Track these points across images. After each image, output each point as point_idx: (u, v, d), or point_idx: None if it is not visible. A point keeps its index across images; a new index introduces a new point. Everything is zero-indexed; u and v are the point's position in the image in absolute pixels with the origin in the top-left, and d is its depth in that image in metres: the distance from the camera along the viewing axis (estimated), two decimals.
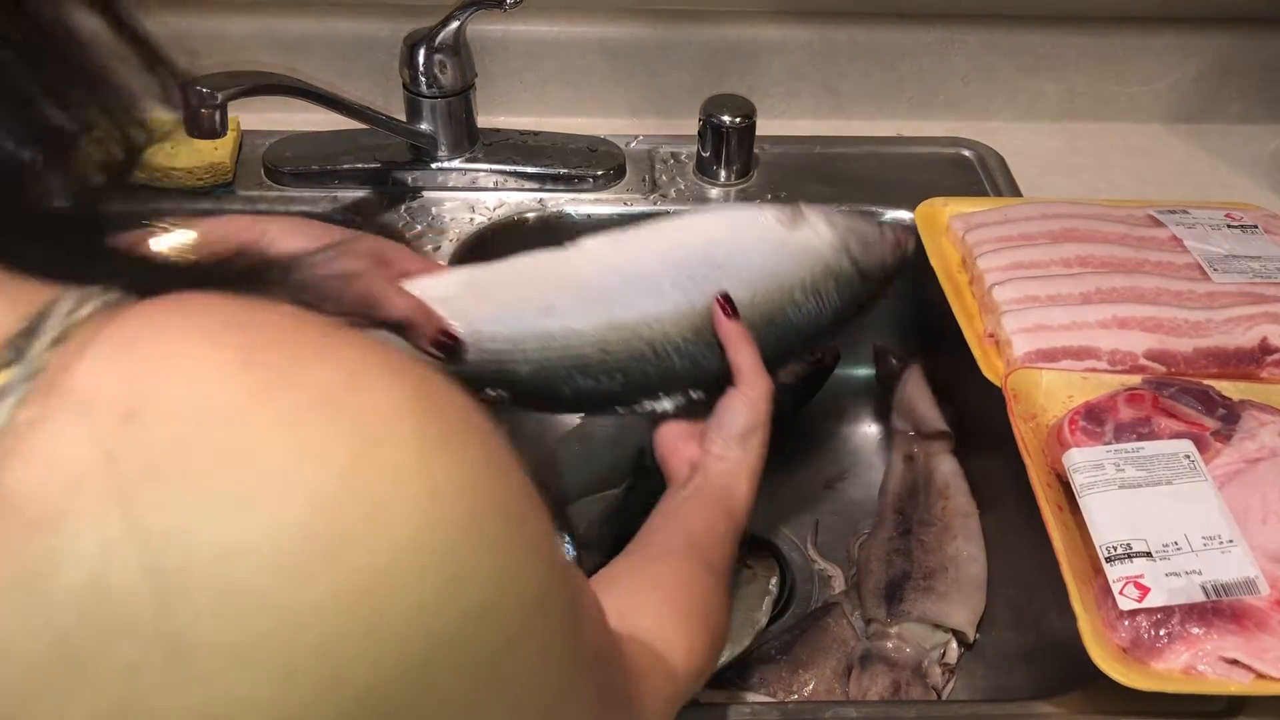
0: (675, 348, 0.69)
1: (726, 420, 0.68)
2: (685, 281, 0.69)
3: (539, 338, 0.68)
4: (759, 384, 0.68)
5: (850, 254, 0.72)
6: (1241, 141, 1.12)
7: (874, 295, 0.75)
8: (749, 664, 0.81)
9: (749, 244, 0.71)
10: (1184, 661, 0.60)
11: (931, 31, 1.07)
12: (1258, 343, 0.77)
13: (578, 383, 0.69)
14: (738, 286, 0.70)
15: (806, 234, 0.72)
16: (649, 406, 0.71)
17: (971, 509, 0.89)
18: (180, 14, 1.03)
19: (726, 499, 0.67)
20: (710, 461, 0.68)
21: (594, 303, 0.69)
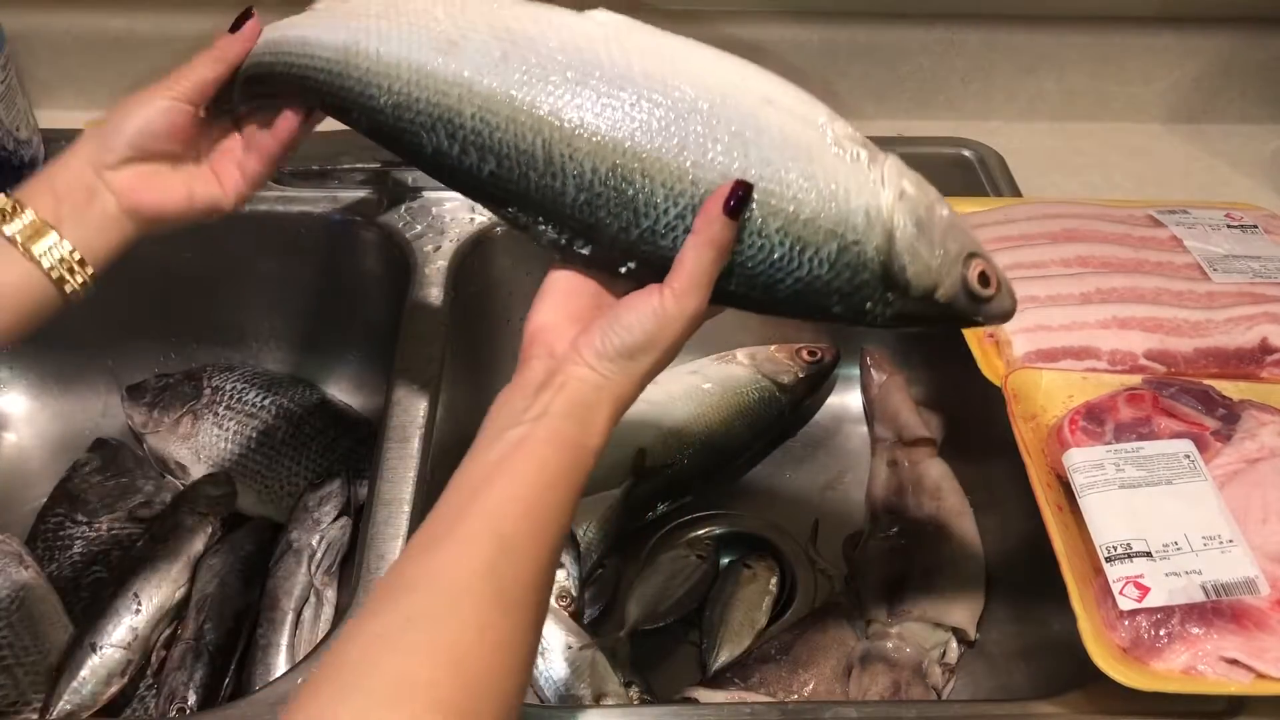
0: (574, 172, 0.53)
1: (620, 323, 0.53)
2: (655, 114, 0.52)
3: (417, 71, 0.55)
4: (687, 300, 0.52)
5: (901, 249, 0.54)
6: (1241, 141, 1.12)
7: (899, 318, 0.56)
8: (749, 664, 0.81)
9: (776, 137, 0.53)
10: (1184, 661, 0.60)
11: (931, 31, 1.07)
12: (1258, 343, 0.77)
13: (440, 142, 0.55)
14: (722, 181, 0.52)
15: (863, 181, 0.53)
16: (520, 218, 0.56)
17: (965, 508, 0.89)
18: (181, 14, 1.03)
19: (577, 434, 0.52)
20: (575, 368, 0.53)
21: (514, 66, 0.53)
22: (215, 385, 0.97)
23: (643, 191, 0.52)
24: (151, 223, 0.62)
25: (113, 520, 0.89)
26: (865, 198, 0.53)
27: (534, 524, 0.49)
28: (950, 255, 0.54)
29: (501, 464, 0.50)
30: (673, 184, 0.52)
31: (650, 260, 0.54)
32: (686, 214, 0.52)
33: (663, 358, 0.53)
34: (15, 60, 0.95)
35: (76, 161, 0.61)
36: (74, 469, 0.94)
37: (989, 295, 0.56)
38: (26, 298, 0.59)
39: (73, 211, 0.60)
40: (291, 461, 0.94)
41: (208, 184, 0.64)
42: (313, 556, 0.84)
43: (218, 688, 0.78)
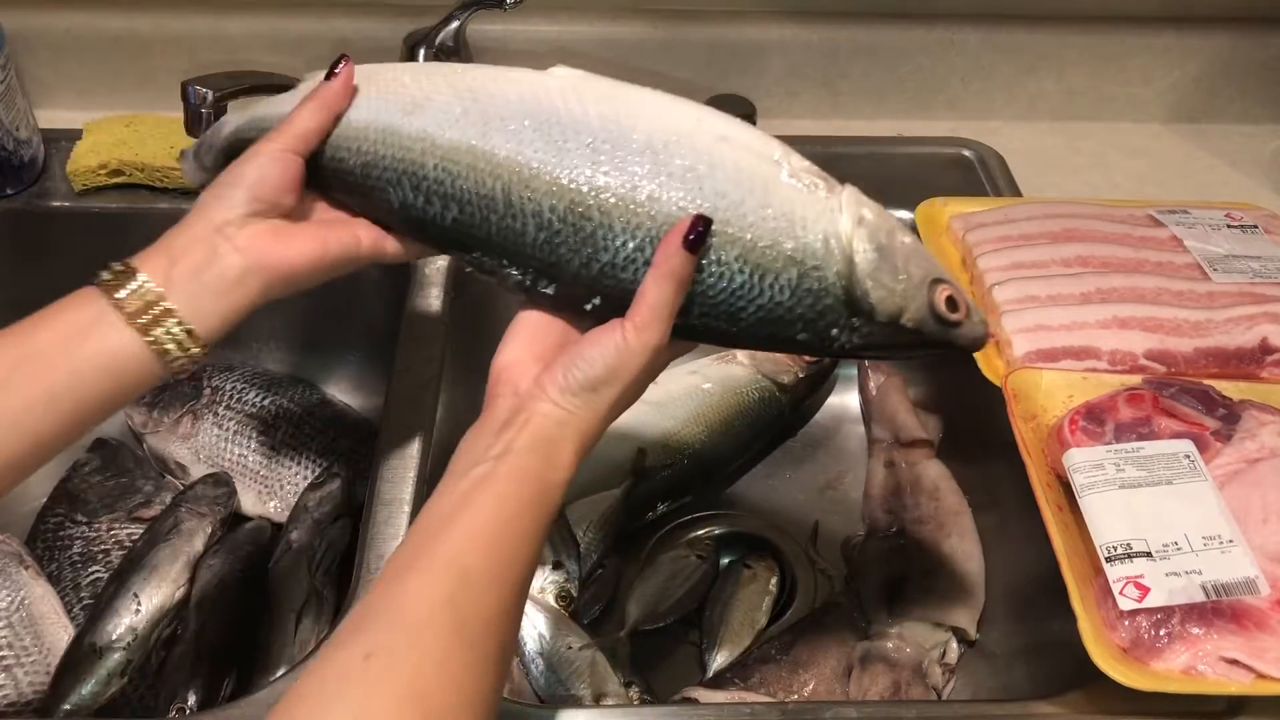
0: (533, 212, 0.54)
1: (582, 358, 0.53)
2: (610, 154, 0.54)
3: (384, 131, 0.58)
4: (648, 332, 0.52)
5: (862, 274, 0.54)
6: (1241, 141, 1.12)
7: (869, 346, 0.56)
8: (749, 664, 0.81)
9: (730, 170, 0.54)
10: (1184, 661, 0.60)
11: (931, 31, 1.07)
12: (1258, 343, 0.77)
13: (406, 195, 0.57)
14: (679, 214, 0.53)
15: (820, 209, 0.54)
16: (485, 262, 0.57)
17: (963, 508, 0.89)
18: (180, 14, 1.03)
19: (541, 468, 0.52)
20: (538, 404, 0.53)
21: (475, 120, 0.56)
22: (215, 385, 0.97)
23: (600, 227, 0.54)
24: (283, 280, 0.58)
25: (112, 520, 0.89)
26: (823, 224, 0.54)
27: (497, 558, 0.49)
28: (914, 279, 0.55)
29: (465, 500, 0.51)
30: (629, 218, 0.53)
31: (613, 294, 0.55)
32: (645, 246, 0.53)
33: (626, 391, 0.54)
34: (15, 60, 0.95)
35: (197, 221, 0.58)
36: (74, 469, 0.94)
37: (957, 320, 0.56)
38: (127, 368, 0.55)
39: (189, 273, 0.56)
40: (291, 461, 0.94)
41: (342, 234, 0.60)
42: (312, 557, 0.84)
43: (218, 688, 0.78)
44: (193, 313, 0.56)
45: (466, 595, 0.47)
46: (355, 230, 0.61)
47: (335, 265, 0.60)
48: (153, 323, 0.55)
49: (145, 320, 0.55)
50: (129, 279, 0.55)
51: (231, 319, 0.57)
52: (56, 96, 1.06)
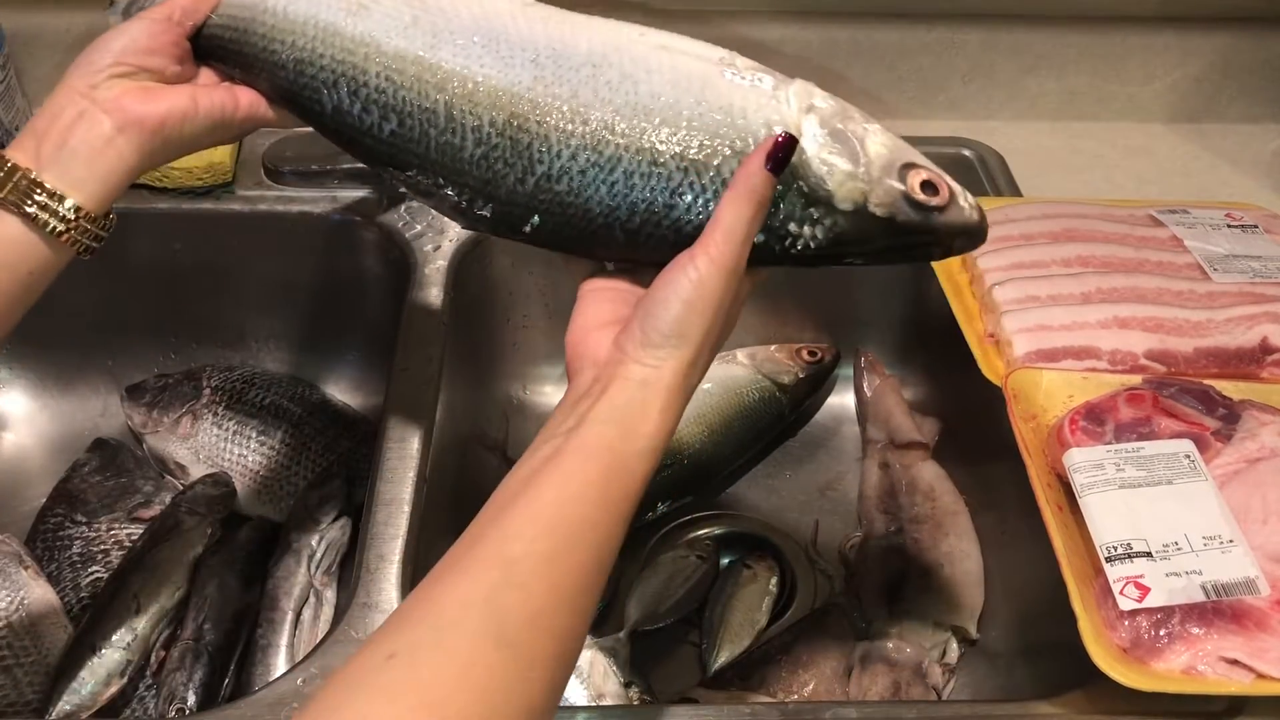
0: (473, 126, 0.52)
1: (656, 302, 0.48)
2: (550, 67, 0.52)
3: (325, 29, 0.55)
4: (723, 256, 0.48)
5: (813, 156, 0.51)
6: (1242, 141, 1.12)
7: (840, 243, 0.52)
8: (749, 664, 0.81)
9: (668, 73, 0.52)
10: (1184, 662, 0.60)
11: (931, 31, 1.07)
12: (1258, 342, 0.77)
13: (342, 99, 0.55)
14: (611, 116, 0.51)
15: (763, 100, 0.51)
16: (421, 182, 0.55)
17: (960, 508, 0.89)
18: None
19: (616, 438, 0.47)
20: (619, 368, 0.48)
21: (424, 30, 0.54)
22: (215, 385, 0.97)
23: (536, 138, 0.52)
24: (153, 134, 0.56)
25: (112, 520, 0.89)
26: (766, 113, 0.51)
27: (554, 542, 0.44)
28: (878, 162, 0.51)
29: (525, 484, 0.46)
30: (564, 125, 0.52)
31: (551, 211, 0.53)
32: (579, 153, 0.52)
33: (712, 329, 0.49)
34: (15, 60, 0.95)
35: (61, 92, 0.56)
36: (73, 469, 0.94)
37: (938, 204, 0.51)
38: (12, 253, 0.54)
39: (57, 146, 0.54)
40: (291, 461, 0.94)
41: (215, 93, 0.58)
42: (312, 556, 0.84)
43: (217, 688, 0.78)
44: (65, 181, 0.54)
45: (508, 590, 0.43)
46: (234, 93, 0.59)
47: (211, 125, 0.57)
48: (22, 198, 0.53)
49: (15, 199, 0.53)
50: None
51: (113, 182, 0.55)
52: None
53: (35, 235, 0.54)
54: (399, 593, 0.69)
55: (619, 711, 0.76)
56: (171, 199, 0.96)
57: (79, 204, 0.54)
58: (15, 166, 0.53)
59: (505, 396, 1.04)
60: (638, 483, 0.48)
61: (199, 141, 0.58)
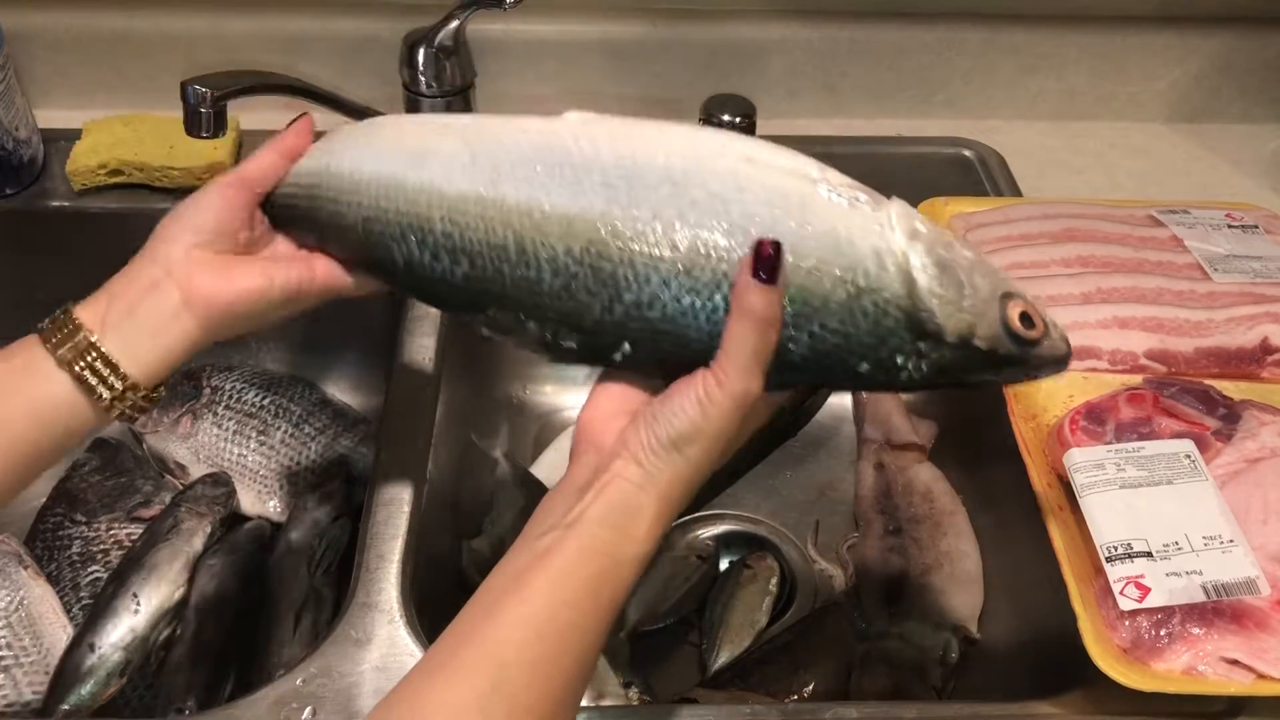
0: (548, 258, 0.50)
1: (664, 412, 0.48)
2: (625, 189, 0.50)
3: (387, 184, 0.54)
4: (732, 381, 0.47)
5: (924, 289, 0.48)
6: (1242, 141, 1.12)
7: (940, 373, 0.50)
8: (749, 664, 0.81)
9: (760, 191, 0.49)
10: (1184, 662, 0.60)
11: (932, 30, 1.07)
12: (1258, 343, 0.76)
13: (412, 251, 0.54)
14: (704, 240, 0.48)
15: (867, 224, 0.49)
16: (502, 320, 0.53)
17: (957, 507, 0.90)
18: (180, 14, 1.03)
19: (611, 542, 0.47)
20: (619, 464, 0.49)
21: (483, 168, 0.52)
22: (215, 385, 0.97)
23: (620, 265, 0.49)
24: (223, 314, 0.56)
25: (112, 520, 0.89)
26: (872, 240, 0.49)
27: (544, 648, 0.45)
28: (982, 293, 0.50)
29: (520, 579, 0.46)
30: (649, 251, 0.49)
31: (643, 338, 0.50)
32: (670, 280, 0.49)
33: (713, 448, 0.48)
34: (14, 60, 0.95)
35: (140, 259, 0.56)
36: (73, 469, 0.94)
37: (1035, 337, 0.51)
38: (59, 414, 0.53)
39: (124, 314, 0.54)
40: (291, 461, 0.94)
41: (292, 268, 0.58)
42: (312, 557, 0.84)
43: (217, 688, 0.78)
44: (125, 352, 0.53)
45: (499, 698, 0.43)
46: (310, 264, 0.58)
47: (285, 300, 0.57)
48: (77, 361, 0.53)
49: (71, 359, 0.53)
50: (65, 323, 0.53)
51: (172, 357, 0.55)
52: (56, 96, 1.06)
53: (82, 398, 0.53)
54: (399, 593, 0.69)
55: (619, 711, 0.76)
56: (171, 199, 0.96)
57: (133, 379, 0.54)
58: (79, 325, 0.53)
59: (505, 396, 1.04)
60: (625, 588, 0.48)
61: (271, 315, 0.58)
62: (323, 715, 0.63)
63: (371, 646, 0.67)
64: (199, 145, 0.96)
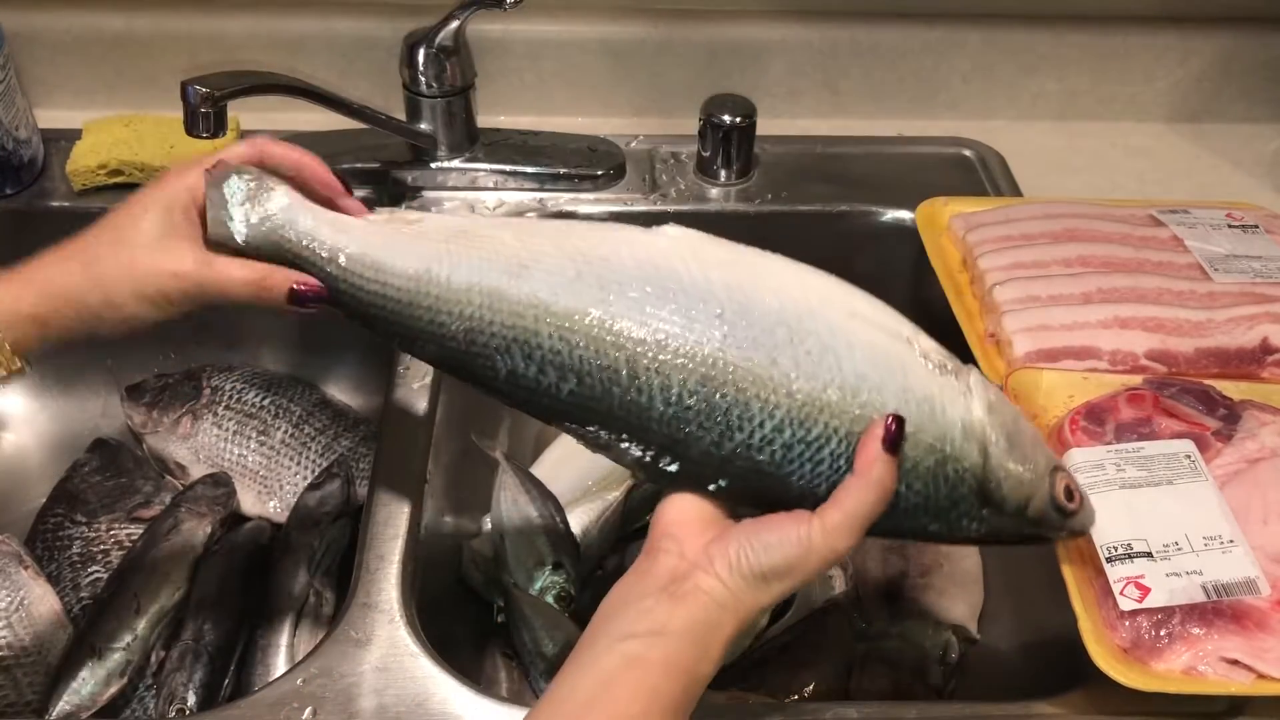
0: (661, 386, 0.51)
1: (761, 542, 0.50)
2: (741, 326, 0.51)
3: (490, 295, 0.53)
4: (838, 537, 0.49)
5: (996, 463, 0.53)
6: (1243, 141, 1.12)
7: (989, 535, 0.55)
8: (749, 664, 0.81)
9: (867, 350, 0.52)
10: (1184, 662, 0.60)
11: (932, 31, 1.07)
12: (1259, 343, 0.76)
13: (516, 364, 0.53)
14: (820, 393, 0.51)
15: (954, 394, 0.53)
16: (603, 437, 0.54)
17: None
18: (180, 14, 1.03)
19: (693, 660, 0.48)
20: (703, 577, 0.50)
21: (590, 284, 0.52)
22: (215, 385, 0.97)
23: (735, 404, 0.51)
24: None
25: (112, 520, 0.89)
26: (959, 411, 0.52)
27: None
28: (1039, 469, 0.54)
29: (609, 686, 0.47)
30: (767, 396, 0.51)
31: (743, 476, 0.52)
32: (784, 427, 0.51)
33: (794, 588, 0.50)
34: (15, 60, 0.95)
35: None
36: (73, 469, 0.94)
37: (1074, 510, 0.56)
38: None
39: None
40: (291, 461, 0.94)
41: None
42: (312, 557, 0.84)
43: (217, 688, 0.78)
44: None
45: None
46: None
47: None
48: None
49: None
50: None
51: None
52: (56, 96, 1.06)
53: None
54: (399, 593, 0.69)
55: None
56: None
57: None
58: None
59: None
60: (692, 705, 0.49)
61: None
62: (323, 715, 0.63)
63: (371, 646, 0.67)
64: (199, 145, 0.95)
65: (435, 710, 0.64)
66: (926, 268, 0.86)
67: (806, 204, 1.00)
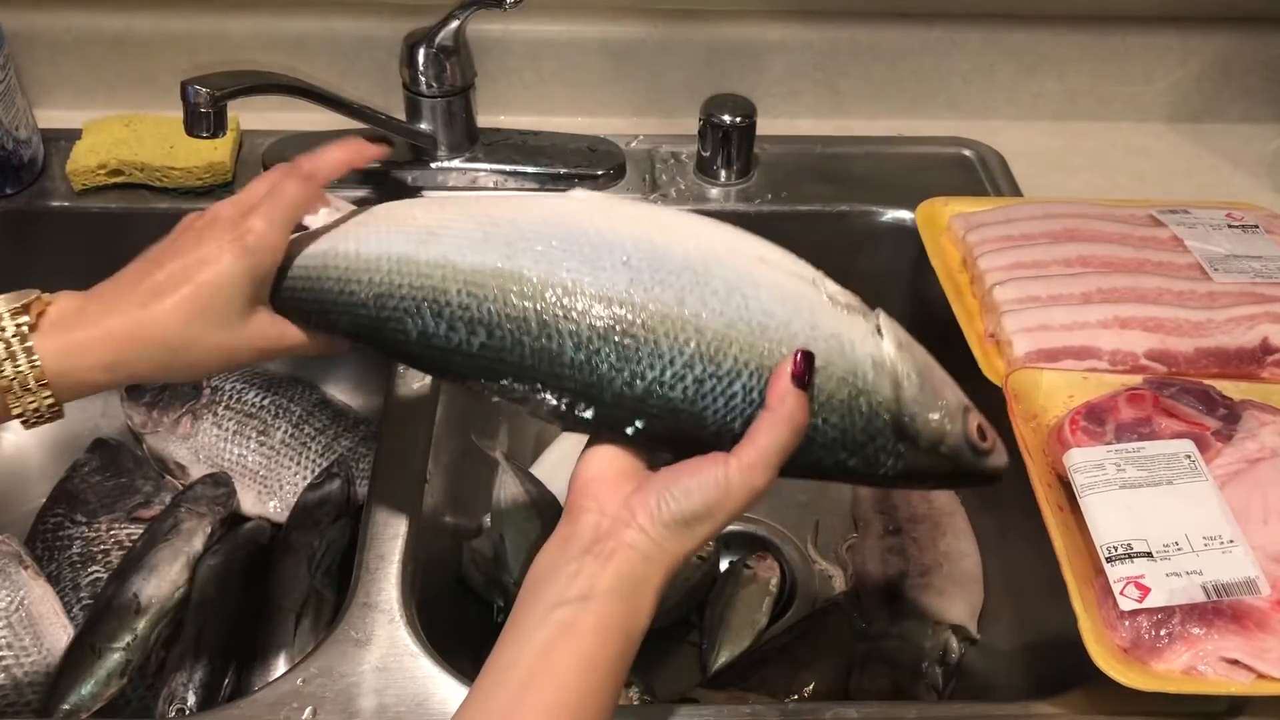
0: (570, 331, 0.51)
1: (680, 488, 0.50)
2: (648, 271, 0.52)
3: (397, 261, 0.55)
4: (755, 474, 0.50)
5: (909, 398, 0.54)
6: (1243, 141, 1.12)
7: (907, 472, 0.55)
8: (749, 664, 0.81)
9: (774, 290, 0.53)
10: (1184, 662, 0.60)
11: (932, 31, 1.07)
12: (1258, 343, 0.76)
13: (426, 324, 0.54)
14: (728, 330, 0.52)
15: (864, 331, 0.54)
16: (518, 389, 0.53)
17: (956, 507, 0.90)
18: (180, 14, 1.03)
19: (625, 617, 0.49)
20: (626, 531, 0.50)
21: (497, 243, 0.53)
22: (215, 385, 0.97)
23: (645, 344, 0.51)
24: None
25: (112, 520, 0.89)
26: (870, 348, 0.53)
27: None
28: (951, 406, 0.55)
29: (547, 656, 0.47)
30: (676, 334, 0.51)
31: (659, 416, 0.52)
32: (695, 362, 0.51)
33: (716, 529, 0.51)
34: (15, 60, 0.95)
35: None
36: (73, 469, 0.94)
37: (987, 449, 0.56)
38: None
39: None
40: (291, 461, 0.94)
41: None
42: (312, 557, 0.84)
43: (217, 688, 0.78)
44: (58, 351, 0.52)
45: None
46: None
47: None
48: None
49: None
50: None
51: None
52: (56, 96, 1.06)
53: None
54: (399, 593, 0.69)
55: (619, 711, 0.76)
56: (171, 199, 0.96)
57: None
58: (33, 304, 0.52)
59: None
60: (631, 660, 0.50)
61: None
62: (323, 715, 0.63)
63: (371, 646, 0.67)
64: (199, 145, 0.96)
65: (435, 710, 0.64)
66: (926, 268, 0.86)
67: (806, 204, 1.00)
